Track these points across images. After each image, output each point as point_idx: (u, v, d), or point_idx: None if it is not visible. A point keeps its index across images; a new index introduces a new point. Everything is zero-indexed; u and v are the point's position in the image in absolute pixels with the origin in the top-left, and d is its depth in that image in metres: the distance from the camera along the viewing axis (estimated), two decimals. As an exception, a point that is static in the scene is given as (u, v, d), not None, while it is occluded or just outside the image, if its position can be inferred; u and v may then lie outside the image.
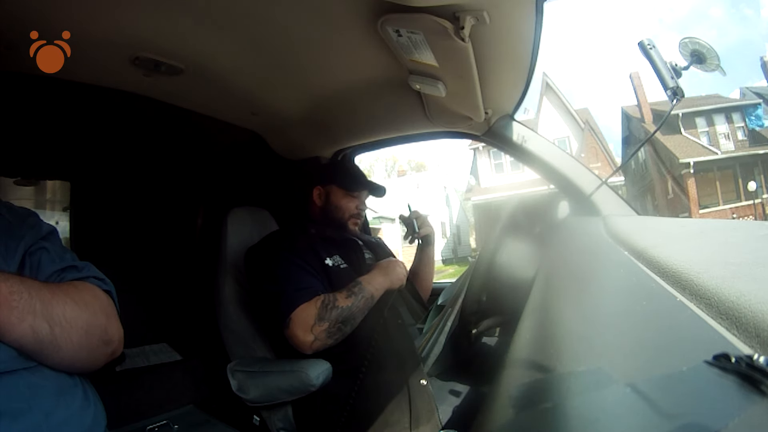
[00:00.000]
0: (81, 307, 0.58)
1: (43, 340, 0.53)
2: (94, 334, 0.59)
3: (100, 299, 0.63)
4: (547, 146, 1.20)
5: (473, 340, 0.84)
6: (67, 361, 0.57)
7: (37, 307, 0.52)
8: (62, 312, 0.55)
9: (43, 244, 0.65)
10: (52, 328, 0.54)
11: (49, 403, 0.54)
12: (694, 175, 14.11)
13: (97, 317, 0.60)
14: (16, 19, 0.77)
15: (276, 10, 0.83)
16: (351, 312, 1.00)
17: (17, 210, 0.68)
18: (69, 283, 0.61)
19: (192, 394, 1.57)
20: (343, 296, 1.01)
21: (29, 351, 0.53)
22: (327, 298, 1.00)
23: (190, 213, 1.97)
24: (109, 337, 0.62)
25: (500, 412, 0.31)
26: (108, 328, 0.62)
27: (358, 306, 1.01)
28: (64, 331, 0.55)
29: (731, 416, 0.19)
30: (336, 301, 1.00)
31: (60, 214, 1.85)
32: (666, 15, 67.68)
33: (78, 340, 0.57)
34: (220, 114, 1.34)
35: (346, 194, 1.24)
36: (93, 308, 0.60)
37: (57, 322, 0.54)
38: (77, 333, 0.57)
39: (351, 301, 1.01)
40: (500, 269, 0.74)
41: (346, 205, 1.24)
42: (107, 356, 0.62)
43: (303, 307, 0.98)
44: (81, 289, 0.61)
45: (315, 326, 0.96)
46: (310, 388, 0.96)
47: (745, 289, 0.27)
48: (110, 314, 0.64)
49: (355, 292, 1.03)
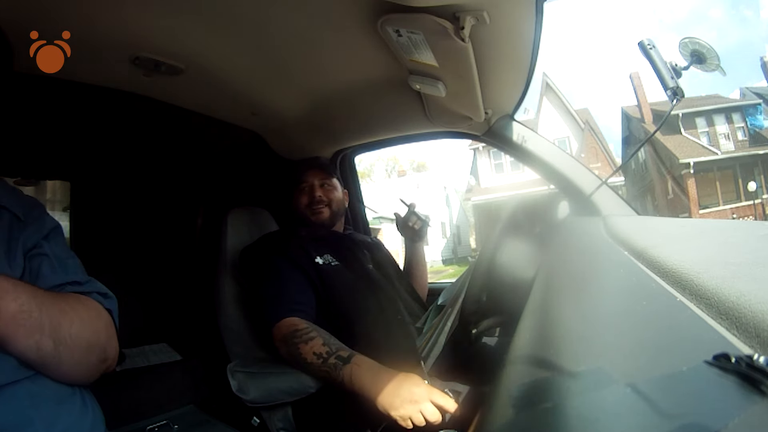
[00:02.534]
0: (86, 326, 0.59)
1: (45, 356, 0.54)
2: (94, 353, 0.60)
3: (103, 319, 0.64)
4: (547, 146, 1.20)
5: (473, 340, 0.84)
6: (66, 376, 0.58)
7: (45, 326, 0.53)
8: (68, 331, 0.55)
9: (45, 249, 0.63)
10: (57, 346, 0.54)
11: (50, 412, 0.55)
12: (694, 175, 14.12)
13: (99, 337, 0.61)
14: (16, 19, 0.77)
15: (276, 11, 0.83)
16: (304, 366, 0.94)
17: (24, 199, 0.67)
18: (77, 299, 0.61)
19: (192, 394, 1.57)
20: (317, 346, 0.92)
21: (31, 363, 0.54)
22: (302, 330, 0.96)
23: (190, 213, 1.96)
24: (107, 355, 0.63)
25: (500, 412, 0.31)
26: (107, 347, 0.63)
27: (316, 369, 0.92)
28: (68, 349, 0.55)
29: (731, 416, 0.19)
30: (307, 342, 0.94)
31: (60, 214, 1.84)
32: (666, 16, 67.75)
33: (79, 358, 0.58)
34: (220, 114, 1.34)
35: (297, 189, 1.25)
36: (96, 327, 0.61)
37: (62, 340, 0.55)
38: (79, 351, 0.57)
39: (314, 360, 0.91)
40: (500, 269, 0.74)
41: (298, 200, 1.25)
42: (101, 371, 0.64)
43: (285, 321, 0.99)
44: (88, 307, 0.62)
45: (285, 341, 0.98)
46: (309, 389, 0.97)
47: (745, 289, 0.27)
48: (110, 334, 0.65)
49: (330, 362, 0.89)
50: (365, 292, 1.11)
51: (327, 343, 0.93)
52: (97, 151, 1.62)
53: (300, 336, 0.95)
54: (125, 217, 1.84)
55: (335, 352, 0.91)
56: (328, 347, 0.92)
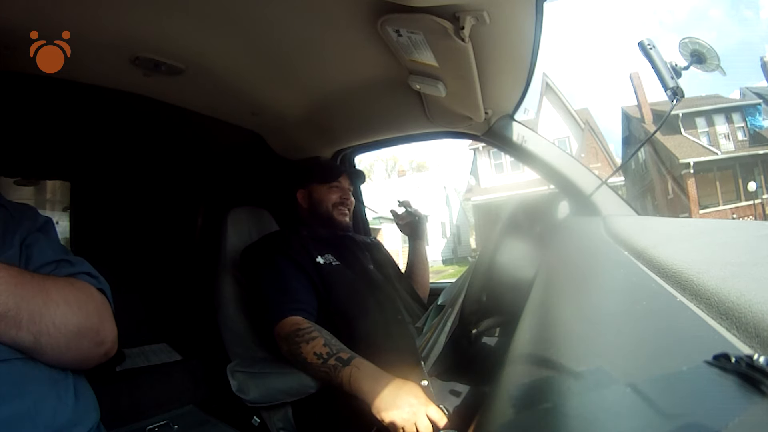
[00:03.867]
0: (74, 310, 0.58)
1: (26, 348, 0.54)
2: (86, 336, 0.59)
3: (95, 300, 0.63)
4: (547, 146, 1.20)
5: (473, 340, 0.84)
6: (55, 361, 0.58)
7: (23, 322, 0.52)
8: (51, 320, 0.55)
9: (39, 236, 0.65)
10: (37, 338, 0.54)
11: (40, 391, 0.55)
12: (694, 175, 14.11)
13: (90, 319, 0.60)
14: (16, 19, 0.77)
15: (276, 10, 0.83)
16: (304, 365, 0.94)
17: (16, 204, 0.68)
18: (66, 281, 0.61)
19: (192, 394, 1.57)
20: (318, 346, 0.92)
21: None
22: (305, 330, 0.96)
23: (190, 213, 1.97)
24: (102, 338, 0.62)
25: (500, 412, 0.31)
26: (101, 329, 0.62)
27: (316, 369, 0.92)
28: (51, 339, 0.55)
29: (731, 416, 0.19)
30: (308, 342, 0.94)
31: (60, 214, 1.85)
32: (666, 17, 67.75)
33: (66, 343, 0.57)
34: (220, 114, 1.34)
35: (326, 186, 1.25)
36: (87, 310, 0.60)
37: (44, 332, 0.54)
38: (66, 337, 0.57)
39: (314, 360, 0.91)
40: (500, 269, 0.74)
41: (327, 196, 1.25)
42: (100, 356, 0.62)
43: (287, 320, 1.00)
44: (78, 288, 0.61)
45: (286, 340, 0.98)
46: (309, 389, 0.97)
47: (745, 289, 0.27)
48: (104, 315, 0.63)
49: (330, 363, 0.90)
50: (365, 291, 1.12)
51: (328, 344, 0.93)
52: (97, 151, 1.62)
53: (302, 335, 0.96)
54: (125, 217, 1.84)
55: (336, 353, 0.91)
56: (329, 348, 0.92)
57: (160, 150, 1.68)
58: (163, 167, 1.83)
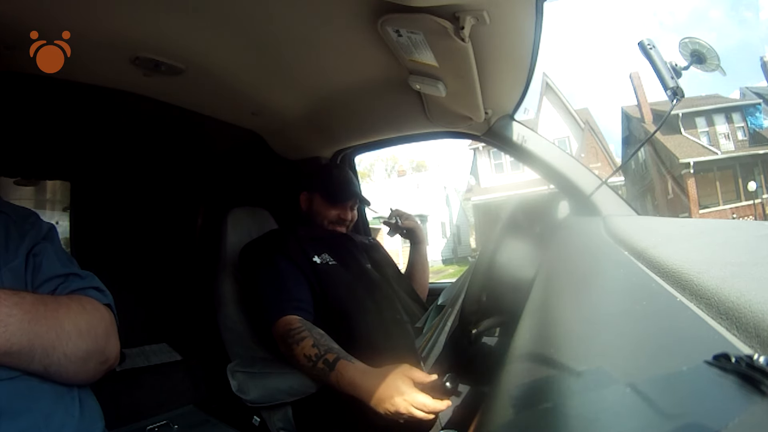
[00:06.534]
0: (84, 338, 0.58)
1: (36, 374, 0.54)
2: (92, 359, 0.60)
3: (104, 320, 0.63)
4: (547, 146, 1.20)
5: (473, 340, 0.84)
6: (62, 382, 0.58)
7: (35, 357, 0.53)
8: (63, 352, 0.55)
9: (46, 245, 0.64)
10: (47, 368, 0.54)
11: (48, 405, 0.55)
12: (694, 175, 14.11)
13: (98, 342, 0.60)
14: (16, 19, 0.77)
15: (276, 10, 0.83)
16: (298, 366, 0.95)
17: (17, 209, 0.68)
18: (79, 304, 0.60)
19: (192, 394, 1.57)
20: (307, 347, 0.93)
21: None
22: (296, 330, 0.96)
23: (190, 213, 1.97)
24: (106, 356, 0.62)
25: (500, 412, 0.31)
26: (106, 349, 0.62)
27: (308, 371, 0.93)
28: (61, 367, 0.55)
29: (731, 416, 0.19)
30: (298, 343, 0.94)
31: (60, 214, 1.85)
32: (666, 18, 67.75)
33: (75, 369, 0.57)
34: (220, 114, 1.34)
35: (328, 204, 1.25)
36: (96, 333, 0.60)
37: (54, 363, 0.54)
38: (75, 365, 0.57)
39: (305, 362, 0.92)
40: (500, 269, 0.74)
41: (326, 212, 1.25)
42: (102, 372, 0.63)
43: (283, 319, 1.00)
44: (89, 312, 0.61)
45: (282, 340, 0.98)
46: (309, 389, 0.97)
47: (745, 289, 0.27)
48: (110, 333, 0.64)
49: (318, 366, 0.90)
50: (363, 291, 1.12)
51: (317, 345, 0.93)
52: (97, 151, 1.62)
53: (293, 336, 0.95)
54: (125, 217, 1.84)
55: (323, 354, 0.91)
56: (318, 349, 0.92)
57: (160, 150, 1.68)
58: (163, 167, 1.83)
